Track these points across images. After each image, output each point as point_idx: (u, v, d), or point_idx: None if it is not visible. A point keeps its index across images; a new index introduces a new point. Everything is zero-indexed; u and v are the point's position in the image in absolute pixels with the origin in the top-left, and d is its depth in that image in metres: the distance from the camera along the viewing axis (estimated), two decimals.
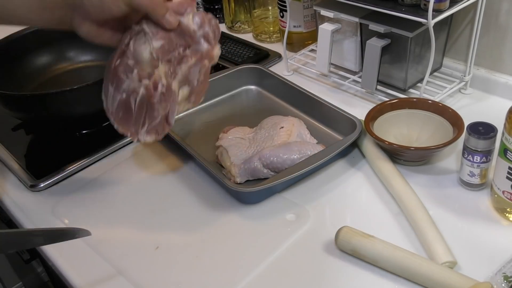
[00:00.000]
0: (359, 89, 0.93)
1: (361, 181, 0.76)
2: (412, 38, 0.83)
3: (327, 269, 0.64)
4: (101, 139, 0.87)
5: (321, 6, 0.93)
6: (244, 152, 0.79)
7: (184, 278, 0.64)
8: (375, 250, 0.62)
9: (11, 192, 0.81)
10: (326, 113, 0.86)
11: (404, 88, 0.90)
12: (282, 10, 1.05)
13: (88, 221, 0.74)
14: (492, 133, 0.67)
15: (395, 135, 0.79)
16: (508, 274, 0.58)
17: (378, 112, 0.81)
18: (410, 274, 0.60)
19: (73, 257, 0.69)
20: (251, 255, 0.66)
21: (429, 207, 0.68)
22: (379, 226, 0.68)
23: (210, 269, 0.65)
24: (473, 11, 0.86)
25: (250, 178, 0.76)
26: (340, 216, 0.71)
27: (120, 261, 0.67)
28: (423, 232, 0.64)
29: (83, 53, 1.06)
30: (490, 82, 0.90)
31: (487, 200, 0.70)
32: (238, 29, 1.23)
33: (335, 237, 0.65)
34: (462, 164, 0.71)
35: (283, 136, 0.80)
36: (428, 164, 0.77)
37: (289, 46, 1.09)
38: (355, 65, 0.97)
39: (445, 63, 0.95)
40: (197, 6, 1.33)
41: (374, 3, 0.82)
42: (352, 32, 0.93)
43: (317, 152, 0.76)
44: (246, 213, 0.72)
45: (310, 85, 0.98)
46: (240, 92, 0.99)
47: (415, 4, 0.79)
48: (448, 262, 0.60)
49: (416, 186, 0.72)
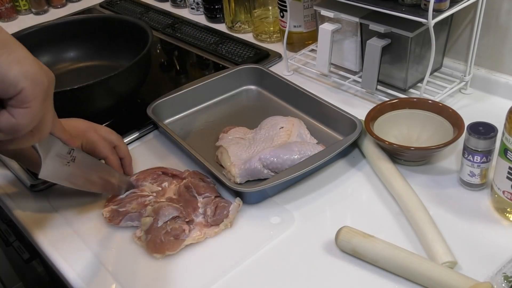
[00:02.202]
0: (359, 89, 0.93)
1: (361, 181, 0.76)
2: (412, 38, 0.83)
3: (327, 269, 0.64)
4: None
5: (321, 6, 0.93)
6: (244, 152, 0.79)
7: (160, 274, 0.65)
8: (375, 250, 0.62)
9: (11, 192, 0.81)
10: (326, 113, 0.86)
11: (404, 88, 0.90)
12: (282, 10, 1.05)
13: (88, 221, 0.74)
14: (492, 133, 0.66)
15: (395, 135, 0.79)
16: (508, 274, 0.58)
17: (378, 112, 0.81)
18: (410, 274, 0.60)
19: (73, 257, 0.69)
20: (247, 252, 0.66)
21: (429, 207, 0.68)
22: (379, 226, 0.68)
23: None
24: (473, 11, 0.86)
25: (250, 178, 0.76)
26: (340, 216, 0.71)
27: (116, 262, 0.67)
28: (423, 232, 0.64)
29: (83, 53, 1.06)
30: (490, 82, 0.90)
31: (487, 200, 0.70)
32: (238, 29, 1.23)
33: (335, 237, 0.65)
34: (462, 164, 0.71)
35: (283, 136, 0.80)
36: (428, 164, 0.77)
37: (289, 46, 1.09)
38: (355, 65, 0.97)
39: (445, 63, 0.95)
40: (197, 6, 1.33)
41: (374, 3, 0.82)
42: (352, 32, 0.93)
43: (317, 152, 0.76)
44: (246, 213, 0.72)
45: (310, 85, 0.98)
46: (240, 92, 0.99)
47: (415, 4, 0.79)
48: (448, 262, 0.60)
49: (416, 186, 0.72)
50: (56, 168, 0.63)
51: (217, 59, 1.12)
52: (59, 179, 0.65)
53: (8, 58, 0.47)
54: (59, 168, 0.64)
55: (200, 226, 0.69)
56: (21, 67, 0.48)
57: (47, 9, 1.52)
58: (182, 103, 0.94)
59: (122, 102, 0.93)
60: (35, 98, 0.49)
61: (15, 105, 0.48)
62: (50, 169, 0.62)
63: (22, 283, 1.42)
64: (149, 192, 0.74)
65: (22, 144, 0.53)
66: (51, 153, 0.62)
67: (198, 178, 0.75)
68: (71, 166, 0.66)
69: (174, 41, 1.23)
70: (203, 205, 0.71)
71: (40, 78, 0.49)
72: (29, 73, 0.48)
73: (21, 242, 1.05)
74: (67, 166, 0.65)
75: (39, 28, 1.02)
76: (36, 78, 0.49)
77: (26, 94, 0.48)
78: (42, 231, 0.73)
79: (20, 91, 0.48)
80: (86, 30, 1.05)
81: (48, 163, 0.61)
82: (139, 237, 0.69)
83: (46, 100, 0.51)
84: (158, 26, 1.30)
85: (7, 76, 0.47)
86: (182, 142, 0.81)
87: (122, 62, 0.98)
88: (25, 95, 0.48)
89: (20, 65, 0.48)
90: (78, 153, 0.67)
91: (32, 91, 0.48)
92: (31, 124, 0.50)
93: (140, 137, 0.90)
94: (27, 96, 0.48)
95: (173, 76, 1.16)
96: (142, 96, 0.99)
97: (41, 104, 0.50)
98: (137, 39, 0.95)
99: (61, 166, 0.64)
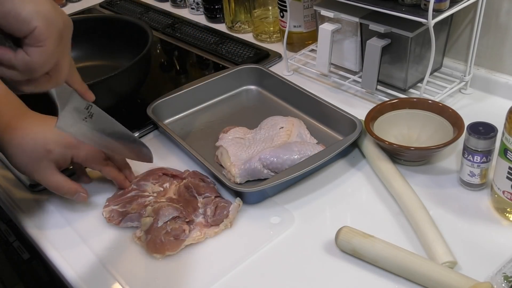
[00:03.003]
0: (359, 89, 0.93)
1: (361, 181, 0.76)
2: (412, 38, 0.83)
3: (327, 269, 0.64)
4: None
5: (321, 6, 0.93)
6: (244, 152, 0.79)
7: (160, 274, 0.65)
8: (375, 250, 0.62)
9: (11, 192, 0.81)
10: (326, 113, 0.86)
11: (404, 88, 0.90)
12: (282, 10, 1.05)
13: (88, 221, 0.74)
14: (492, 133, 0.66)
15: (395, 135, 0.79)
16: (508, 274, 0.58)
17: (378, 112, 0.81)
18: (410, 274, 0.60)
19: (73, 257, 0.69)
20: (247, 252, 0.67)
21: (429, 207, 0.68)
22: (379, 226, 0.68)
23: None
24: (473, 11, 0.86)
25: (250, 178, 0.76)
26: (340, 216, 0.71)
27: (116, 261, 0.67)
28: (423, 232, 0.64)
29: (83, 53, 1.06)
30: (490, 82, 0.90)
31: (487, 200, 0.70)
32: (238, 29, 1.23)
33: (335, 237, 0.65)
34: (462, 164, 0.71)
35: (283, 136, 0.80)
36: (428, 164, 0.77)
37: (289, 46, 1.09)
38: (355, 65, 0.97)
39: (445, 63, 0.95)
40: (197, 6, 1.33)
41: (374, 3, 0.82)
42: (352, 32, 0.93)
43: (317, 152, 0.76)
44: (246, 213, 0.72)
45: (310, 85, 0.98)
46: (240, 92, 0.99)
47: (415, 4, 0.79)
48: (448, 262, 0.60)
49: (416, 186, 0.72)
50: (73, 122, 0.64)
51: (217, 59, 1.12)
52: (75, 133, 0.65)
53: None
54: (76, 123, 0.64)
55: (200, 226, 0.69)
56: (35, 6, 0.49)
57: None
58: (182, 103, 0.94)
59: (122, 102, 0.93)
60: (49, 36, 0.50)
61: (30, 43, 0.49)
62: (67, 120, 0.63)
63: (22, 283, 1.42)
64: (150, 193, 0.74)
65: (39, 86, 0.54)
66: (69, 106, 0.62)
67: (198, 178, 0.75)
68: (88, 122, 0.66)
69: (174, 41, 1.23)
70: (203, 205, 0.71)
71: (54, 18, 0.50)
72: (42, 12, 0.49)
73: (21, 242, 1.05)
74: (84, 121, 0.65)
75: None
76: (49, 17, 0.50)
77: (40, 32, 0.49)
78: (42, 231, 0.73)
79: (34, 29, 0.49)
80: (86, 30, 1.05)
81: (65, 114, 0.62)
82: (139, 237, 0.69)
83: (61, 42, 0.52)
84: (158, 26, 1.30)
85: (20, 14, 0.48)
86: (182, 142, 0.81)
87: (122, 62, 0.98)
88: (39, 33, 0.49)
89: (33, 4, 0.49)
90: (95, 109, 0.67)
91: (45, 29, 0.49)
92: (46, 63, 0.51)
93: (140, 137, 0.90)
94: (41, 34, 0.49)
95: (173, 76, 1.16)
96: (142, 96, 0.99)
97: (55, 44, 0.51)
98: (137, 39, 0.95)
99: (79, 121, 0.65)
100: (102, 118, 0.69)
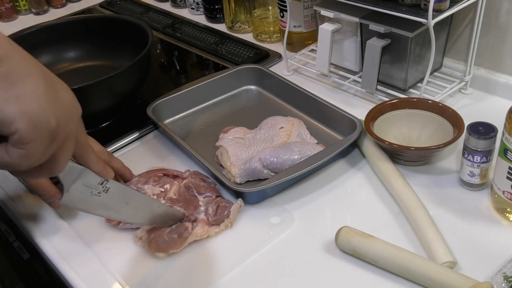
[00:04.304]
0: (359, 89, 0.93)
1: (361, 181, 0.76)
2: (412, 38, 0.83)
3: (327, 269, 0.64)
4: (100, 140, 0.87)
5: (321, 6, 0.93)
6: (244, 152, 0.79)
7: (160, 274, 0.65)
8: (375, 250, 0.62)
9: (11, 192, 0.81)
10: (326, 113, 0.86)
11: (404, 88, 0.90)
12: (282, 10, 1.05)
13: (88, 222, 0.74)
14: (492, 133, 0.66)
15: (395, 135, 0.79)
16: (508, 274, 0.58)
17: (378, 112, 0.81)
18: (410, 274, 0.60)
19: (73, 257, 0.69)
20: (247, 252, 0.67)
21: (429, 207, 0.68)
22: (379, 226, 0.68)
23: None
24: (473, 11, 0.86)
25: (250, 178, 0.76)
26: (340, 216, 0.71)
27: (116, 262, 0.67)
28: (423, 232, 0.64)
29: (83, 53, 1.06)
30: (490, 82, 0.90)
31: (487, 200, 0.70)
32: (238, 29, 1.23)
33: (335, 237, 0.65)
34: (462, 164, 0.71)
35: (283, 136, 0.80)
36: (428, 164, 0.77)
37: (289, 46, 1.09)
38: (355, 65, 0.97)
39: (445, 63, 0.95)
40: (197, 6, 1.33)
41: (374, 3, 0.82)
42: (352, 32, 0.93)
43: (317, 152, 0.76)
44: (246, 213, 0.72)
45: (310, 85, 0.98)
46: (240, 92, 0.99)
47: (415, 4, 0.79)
48: (448, 262, 0.60)
49: (416, 186, 0.72)
50: (82, 198, 0.56)
51: (217, 59, 1.12)
52: (85, 208, 0.58)
53: (5, 94, 0.41)
54: (86, 198, 0.57)
55: (203, 223, 0.69)
56: (19, 105, 0.41)
57: (47, 9, 1.52)
58: (182, 103, 0.94)
59: (122, 102, 0.93)
60: (33, 140, 0.42)
61: (12, 143, 0.43)
62: (74, 197, 0.56)
63: (22, 283, 1.42)
64: (151, 195, 0.74)
65: (28, 176, 0.48)
66: (77, 183, 0.55)
67: (199, 178, 0.75)
68: (102, 197, 0.58)
69: (174, 41, 1.23)
70: (204, 203, 0.71)
71: (43, 119, 0.43)
72: (28, 113, 0.42)
73: (21, 242, 1.05)
74: (97, 196, 0.58)
75: (39, 28, 1.02)
76: (36, 119, 0.42)
77: (21, 135, 0.42)
78: (42, 231, 0.73)
79: (15, 132, 0.42)
80: (86, 30, 1.05)
81: (72, 192, 0.55)
82: (140, 237, 0.69)
83: (54, 141, 0.45)
84: (158, 26, 1.30)
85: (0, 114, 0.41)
86: (182, 142, 0.81)
87: (122, 62, 0.98)
88: (20, 137, 0.42)
89: (18, 103, 0.41)
90: (112, 184, 0.59)
91: (29, 132, 0.42)
92: (26, 166, 0.44)
93: (140, 137, 0.90)
94: (23, 138, 0.42)
95: (173, 76, 1.16)
96: (142, 96, 0.99)
97: (42, 147, 0.44)
98: (137, 39, 0.95)
99: (89, 196, 0.57)
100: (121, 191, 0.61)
